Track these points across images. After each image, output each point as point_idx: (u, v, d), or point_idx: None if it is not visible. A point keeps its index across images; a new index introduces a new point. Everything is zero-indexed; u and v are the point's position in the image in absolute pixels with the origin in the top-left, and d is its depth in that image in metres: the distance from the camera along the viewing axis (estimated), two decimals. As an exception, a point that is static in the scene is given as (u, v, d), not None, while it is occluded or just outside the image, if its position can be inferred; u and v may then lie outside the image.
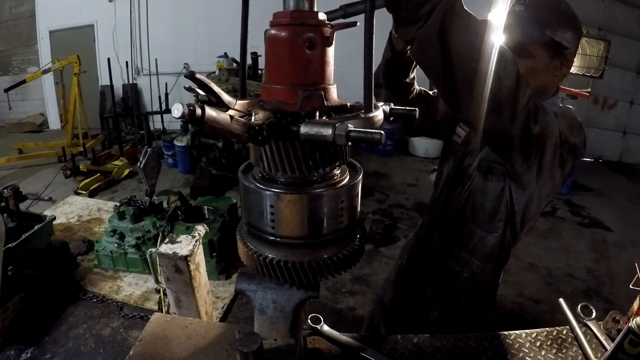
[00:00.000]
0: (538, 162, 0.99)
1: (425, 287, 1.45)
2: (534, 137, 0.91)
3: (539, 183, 1.07)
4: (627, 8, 6.52)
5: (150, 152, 3.25)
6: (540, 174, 1.02)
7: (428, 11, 0.68)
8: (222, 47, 5.98)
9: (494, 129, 0.87)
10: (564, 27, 1.09)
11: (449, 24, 0.70)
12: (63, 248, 3.34)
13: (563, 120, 1.03)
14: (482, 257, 1.32)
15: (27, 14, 8.11)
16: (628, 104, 7.10)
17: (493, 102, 0.80)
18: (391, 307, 1.62)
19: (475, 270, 1.33)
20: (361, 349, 1.08)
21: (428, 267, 1.45)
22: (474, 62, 0.74)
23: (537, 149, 0.95)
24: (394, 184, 5.70)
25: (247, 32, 0.71)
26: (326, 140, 0.56)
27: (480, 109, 0.82)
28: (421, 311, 1.46)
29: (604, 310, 1.46)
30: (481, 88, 0.78)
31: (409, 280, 1.53)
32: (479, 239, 1.30)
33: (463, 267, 1.35)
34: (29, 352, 2.55)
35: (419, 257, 1.50)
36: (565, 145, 1.01)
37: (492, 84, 0.78)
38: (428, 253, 1.46)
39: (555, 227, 4.59)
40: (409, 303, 1.52)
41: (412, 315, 1.50)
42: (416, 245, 1.53)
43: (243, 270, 0.81)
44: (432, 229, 1.46)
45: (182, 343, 1.10)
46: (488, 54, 0.75)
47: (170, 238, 2.01)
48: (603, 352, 1.06)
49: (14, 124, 8.35)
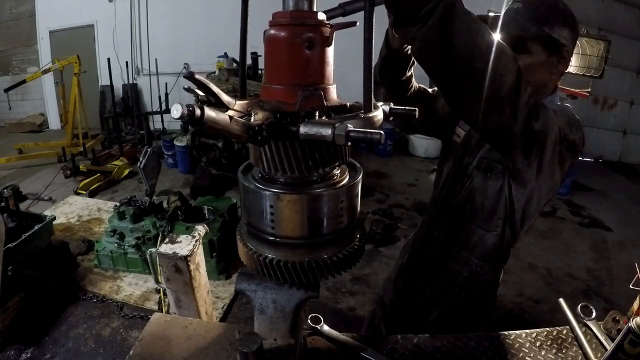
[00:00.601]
0: (538, 159, 0.99)
1: (425, 286, 1.45)
2: (535, 134, 0.92)
3: (539, 181, 1.08)
4: (627, 8, 6.52)
5: (150, 152, 3.26)
6: (540, 172, 1.02)
7: (428, 11, 0.68)
8: (222, 47, 5.98)
9: (496, 126, 0.88)
10: (561, 25, 1.09)
11: (450, 24, 0.70)
12: (63, 248, 3.34)
13: (562, 118, 1.03)
14: (482, 256, 1.32)
15: (27, 14, 8.11)
16: (628, 104, 7.10)
17: (494, 99, 0.81)
18: (392, 307, 1.62)
19: (474, 269, 1.34)
20: (361, 349, 1.08)
21: (428, 266, 1.46)
22: (475, 61, 0.74)
23: (538, 145, 0.96)
24: (394, 184, 5.70)
25: (246, 32, 0.71)
26: (326, 140, 0.56)
27: (481, 107, 0.82)
28: (421, 310, 1.46)
29: (604, 310, 1.46)
30: (482, 86, 0.78)
31: (409, 280, 1.53)
32: (478, 237, 1.31)
33: (462, 266, 1.35)
34: (29, 352, 2.55)
35: (419, 257, 1.51)
36: (565, 142, 1.02)
37: (494, 82, 0.78)
38: (428, 252, 1.46)
39: (555, 227, 4.59)
40: (409, 302, 1.52)
41: (413, 315, 1.50)
42: (416, 245, 1.54)
43: (243, 270, 0.81)
44: (432, 228, 1.46)
45: (182, 343, 1.10)
46: (489, 52, 0.75)
47: (170, 238, 2.01)
48: (603, 352, 1.06)
49: (14, 124, 8.35)
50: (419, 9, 0.69)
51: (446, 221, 1.40)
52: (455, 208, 1.36)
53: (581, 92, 4.63)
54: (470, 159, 1.31)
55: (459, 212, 1.35)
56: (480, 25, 0.74)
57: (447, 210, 1.40)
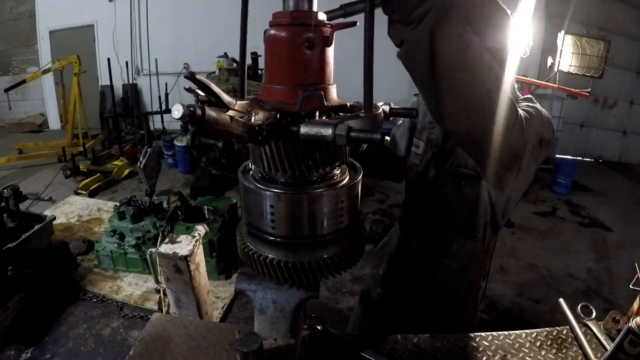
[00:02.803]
0: (517, 165, 0.98)
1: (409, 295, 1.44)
2: (515, 149, 0.91)
3: (517, 182, 1.07)
4: (627, 8, 6.51)
5: (150, 152, 3.25)
6: (519, 174, 1.02)
7: (420, 14, 0.67)
8: (222, 47, 5.98)
9: (478, 143, 0.86)
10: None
11: (440, 30, 0.68)
12: (63, 248, 3.33)
13: (537, 121, 1.01)
14: (464, 262, 1.31)
15: (27, 14, 8.12)
16: (628, 104, 7.09)
17: (479, 116, 0.78)
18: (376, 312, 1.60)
19: (457, 275, 1.33)
20: (361, 349, 1.08)
21: (411, 274, 1.44)
22: (460, 73, 0.72)
23: (517, 156, 0.95)
24: (394, 184, 5.69)
25: (246, 32, 0.71)
26: (326, 140, 0.56)
27: (465, 121, 0.80)
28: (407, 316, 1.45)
29: (604, 310, 1.46)
30: (467, 100, 0.76)
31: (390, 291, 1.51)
32: (459, 245, 1.30)
33: (446, 273, 1.34)
34: (29, 352, 2.55)
35: (399, 266, 1.49)
36: (542, 142, 1.01)
37: (480, 98, 0.76)
38: (408, 261, 1.44)
39: (555, 227, 4.58)
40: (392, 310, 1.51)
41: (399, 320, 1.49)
42: (394, 254, 1.52)
43: (243, 270, 0.81)
44: (409, 237, 1.45)
45: (182, 343, 1.10)
46: (478, 65, 0.73)
47: (170, 238, 2.01)
48: (603, 352, 1.06)
49: (14, 124, 8.35)
50: (410, 12, 0.67)
51: (424, 230, 1.39)
52: (432, 217, 1.35)
53: (581, 92, 4.63)
54: (440, 168, 1.29)
55: (436, 221, 1.34)
56: (472, 37, 0.73)
57: (423, 220, 1.39)
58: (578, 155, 7.10)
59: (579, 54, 4.48)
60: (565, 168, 5.56)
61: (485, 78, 0.75)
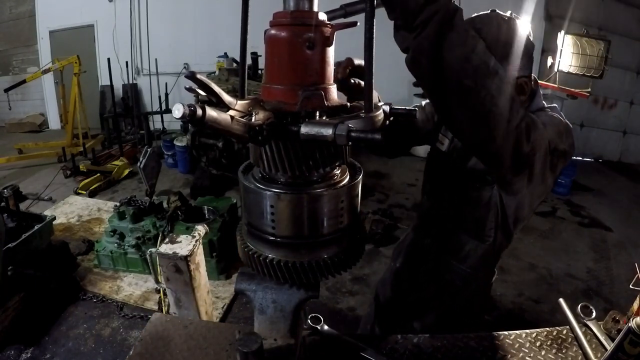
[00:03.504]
0: (528, 171, 0.98)
1: (417, 293, 1.44)
2: (524, 155, 0.91)
3: (530, 189, 1.06)
4: (627, 8, 6.51)
5: (150, 152, 3.25)
6: (531, 181, 1.02)
7: (424, 21, 0.67)
8: (222, 47, 5.98)
9: (484, 147, 0.87)
10: None
11: (444, 36, 0.68)
12: (63, 248, 3.33)
13: (552, 129, 1.01)
14: (474, 265, 1.31)
15: (27, 14, 8.10)
16: (628, 104, 7.09)
17: (484, 119, 0.79)
18: (387, 307, 1.61)
19: (467, 278, 1.33)
20: (361, 349, 1.08)
21: (420, 271, 1.44)
22: (466, 78, 0.72)
23: (527, 163, 0.95)
24: (394, 184, 5.70)
25: (247, 32, 0.71)
26: (326, 140, 0.56)
27: (470, 125, 0.80)
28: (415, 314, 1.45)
29: (604, 310, 1.46)
30: (472, 104, 0.76)
31: (401, 285, 1.52)
32: (471, 248, 1.30)
33: (454, 275, 1.34)
34: (29, 352, 2.55)
35: (411, 263, 1.49)
36: (555, 152, 1.01)
37: (484, 102, 0.76)
38: (420, 259, 1.45)
39: (555, 227, 4.58)
40: (401, 306, 1.51)
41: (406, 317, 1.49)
42: (409, 250, 1.53)
43: (243, 270, 0.81)
44: (423, 235, 1.45)
45: (182, 343, 1.10)
46: (482, 71, 0.73)
47: (170, 238, 2.01)
48: (603, 352, 1.06)
49: (14, 124, 8.34)
50: (414, 18, 0.67)
51: (437, 230, 1.39)
52: (445, 218, 1.35)
53: (581, 92, 4.64)
54: (458, 169, 1.29)
55: (449, 221, 1.34)
56: (477, 42, 0.72)
57: (437, 219, 1.39)
58: (578, 155, 7.10)
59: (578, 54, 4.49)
60: (565, 168, 5.54)
61: (489, 83, 0.75)
